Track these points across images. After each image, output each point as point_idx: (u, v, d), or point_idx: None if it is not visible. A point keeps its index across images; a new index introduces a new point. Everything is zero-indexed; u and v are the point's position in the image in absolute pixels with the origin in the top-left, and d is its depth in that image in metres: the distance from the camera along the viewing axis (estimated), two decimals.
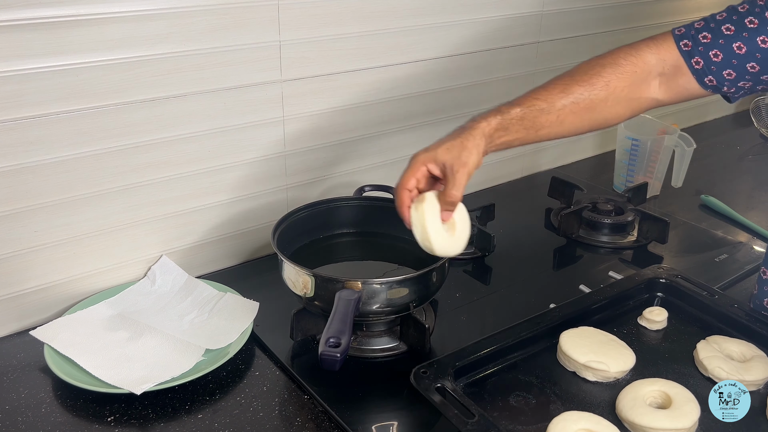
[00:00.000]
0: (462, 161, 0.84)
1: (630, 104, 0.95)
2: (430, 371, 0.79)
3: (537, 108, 0.91)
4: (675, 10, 1.74)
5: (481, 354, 0.83)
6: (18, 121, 0.93)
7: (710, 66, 0.91)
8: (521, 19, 1.45)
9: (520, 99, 0.92)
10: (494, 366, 0.84)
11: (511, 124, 0.90)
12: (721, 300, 0.96)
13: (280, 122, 1.18)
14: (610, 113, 0.95)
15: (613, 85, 0.93)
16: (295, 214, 1.09)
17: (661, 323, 0.93)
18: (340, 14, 1.18)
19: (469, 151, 0.85)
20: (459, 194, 0.85)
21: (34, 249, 1.01)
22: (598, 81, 0.92)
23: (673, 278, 1.00)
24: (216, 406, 0.89)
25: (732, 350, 0.88)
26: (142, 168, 1.06)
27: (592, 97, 0.92)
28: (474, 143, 0.86)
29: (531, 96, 0.92)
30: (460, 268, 1.23)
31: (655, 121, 1.54)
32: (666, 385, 0.81)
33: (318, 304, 0.95)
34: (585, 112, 0.93)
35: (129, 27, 0.97)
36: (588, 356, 0.83)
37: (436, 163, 0.86)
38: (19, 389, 0.91)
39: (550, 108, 0.91)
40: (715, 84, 0.92)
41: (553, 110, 0.91)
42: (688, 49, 0.92)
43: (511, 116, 0.89)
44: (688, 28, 0.93)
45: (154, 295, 1.09)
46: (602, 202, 1.41)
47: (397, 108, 1.33)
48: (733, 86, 0.92)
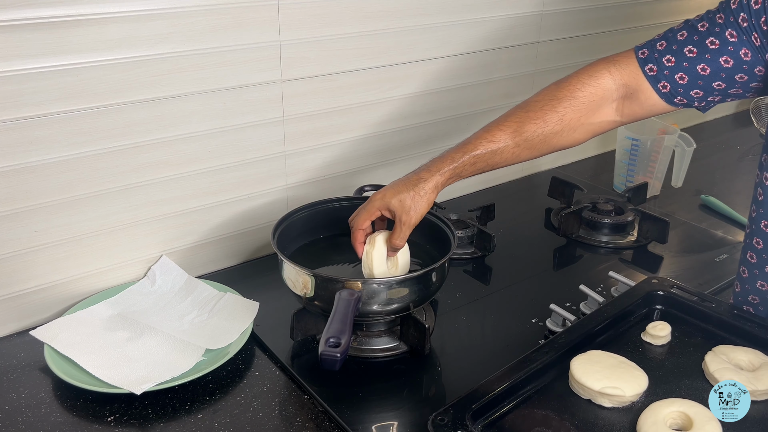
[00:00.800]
0: (409, 215, 0.94)
1: (587, 129, 0.99)
2: (447, 418, 0.77)
3: (490, 150, 0.95)
4: (675, 10, 1.74)
5: (495, 392, 0.81)
6: (18, 121, 0.93)
7: (677, 88, 0.93)
8: (521, 19, 1.45)
9: (475, 142, 0.96)
10: (509, 402, 0.82)
11: (464, 170, 0.96)
12: (719, 308, 0.96)
13: (280, 122, 1.18)
14: (567, 141, 0.99)
15: (568, 117, 0.96)
16: (295, 214, 1.09)
17: (666, 338, 0.92)
18: (340, 14, 1.18)
19: (417, 205, 0.94)
20: (401, 243, 0.96)
21: (34, 249, 1.01)
22: (552, 116, 0.96)
23: (669, 289, 0.99)
24: (216, 406, 0.89)
25: (740, 359, 0.87)
26: (142, 168, 1.06)
27: (546, 132, 0.96)
28: (425, 197, 0.94)
29: (484, 137, 0.96)
30: (460, 268, 1.23)
31: (655, 121, 1.54)
32: (684, 404, 0.80)
33: (318, 304, 0.95)
34: (540, 145, 0.97)
35: (129, 27, 0.97)
36: (602, 382, 0.82)
37: (388, 211, 0.95)
38: (19, 389, 0.91)
39: (504, 149, 0.96)
40: (686, 102, 0.95)
41: (507, 150, 0.96)
42: (654, 74, 0.94)
43: (464, 163, 0.95)
44: (651, 50, 0.95)
45: (154, 295, 1.09)
46: (602, 202, 1.41)
47: (397, 108, 1.33)
48: (702, 101, 0.94)
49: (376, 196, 0.97)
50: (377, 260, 0.97)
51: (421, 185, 0.94)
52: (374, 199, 0.97)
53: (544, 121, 0.96)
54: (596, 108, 0.97)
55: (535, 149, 0.98)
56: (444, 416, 0.77)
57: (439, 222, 1.09)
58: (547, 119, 0.96)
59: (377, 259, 0.97)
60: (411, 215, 0.94)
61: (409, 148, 1.39)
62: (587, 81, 0.96)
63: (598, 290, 1.12)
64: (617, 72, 0.96)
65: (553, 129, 0.96)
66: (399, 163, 1.38)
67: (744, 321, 0.93)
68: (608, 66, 0.97)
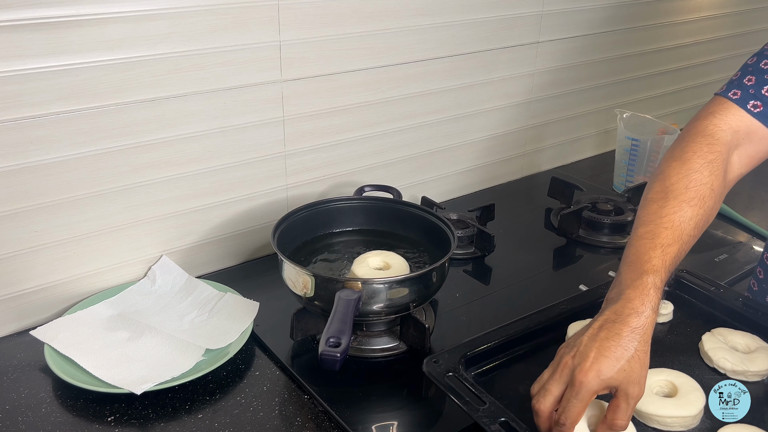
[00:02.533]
0: (635, 385, 0.70)
1: (724, 191, 0.87)
2: (442, 360, 0.82)
3: (688, 245, 0.80)
4: (675, 10, 1.74)
5: (491, 344, 0.86)
6: (18, 121, 0.93)
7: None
8: (521, 19, 1.45)
9: (671, 250, 0.77)
10: (503, 357, 0.87)
11: (667, 278, 0.77)
12: (726, 293, 0.98)
13: (280, 122, 1.18)
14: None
15: (716, 186, 0.83)
16: (295, 214, 1.09)
17: (667, 316, 0.95)
18: (340, 14, 1.18)
19: (643, 370, 0.71)
20: (626, 424, 0.71)
21: (34, 249, 1.01)
22: (706, 201, 0.81)
23: (679, 272, 1.02)
24: (216, 406, 0.89)
25: (737, 342, 0.90)
26: (142, 168, 1.06)
27: (709, 213, 0.83)
28: (647, 357, 0.71)
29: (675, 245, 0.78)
30: (460, 268, 1.23)
31: (655, 121, 1.54)
32: (672, 374, 0.83)
33: (318, 304, 0.95)
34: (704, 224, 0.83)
35: (129, 27, 0.97)
36: None
37: (609, 388, 0.70)
38: (19, 389, 0.91)
39: (690, 241, 0.80)
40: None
41: (690, 241, 0.80)
42: (760, 110, 0.85)
43: (669, 271, 0.77)
44: (742, 88, 0.86)
45: (154, 295, 1.09)
46: (602, 202, 1.41)
47: (397, 108, 1.33)
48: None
49: (590, 370, 0.69)
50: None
51: (641, 341, 0.70)
52: (587, 376, 0.69)
53: (701, 202, 0.81)
54: (726, 166, 0.85)
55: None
56: (439, 358, 0.82)
57: (439, 222, 1.09)
58: (704, 202, 0.81)
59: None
60: (638, 386, 0.70)
61: (409, 148, 1.39)
62: (708, 142, 0.84)
63: None
64: (723, 123, 0.86)
65: (711, 206, 0.82)
66: (399, 163, 1.38)
67: (748, 308, 0.95)
68: (713, 121, 0.86)
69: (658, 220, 0.79)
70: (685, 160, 0.83)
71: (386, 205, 1.17)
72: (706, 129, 0.85)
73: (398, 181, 1.36)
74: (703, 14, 1.82)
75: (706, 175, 0.81)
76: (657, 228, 0.78)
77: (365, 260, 1.03)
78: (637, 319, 0.71)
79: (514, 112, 1.54)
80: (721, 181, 0.83)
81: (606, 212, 1.37)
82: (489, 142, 1.53)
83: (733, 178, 0.88)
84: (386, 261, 1.03)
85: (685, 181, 0.81)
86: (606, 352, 0.69)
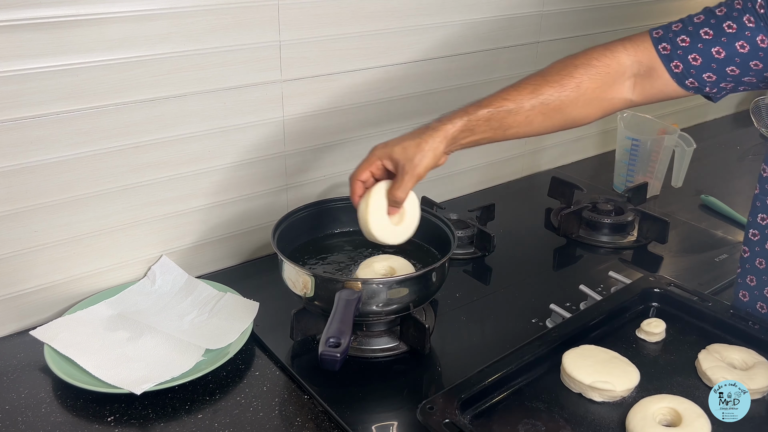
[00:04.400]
0: (413, 164, 0.88)
1: (601, 104, 0.96)
2: (436, 406, 0.77)
3: (505, 109, 0.91)
4: (675, 10, 1.74)
5: (486, 383, 0.81)
6: (18, 121, 0.93)
7: (690, 69, 0.91)
8: (521, 19, 1.45)
9: (489, 99, 0.92)
10: (499, 394, 0.83)
11: (477, 125, 0.91)
12: (716, 307, 0.96)
13: (280, 122, 1.18)
14: (580, 113, 0.96)
15: (585, 86, 0.93)
16: (295, 214, 1.09)
17: (660, 335, 0.92)
18: (340, 14, 1.18)
19: (423, 154, 0.88)
20: (403, 195, 0.90)
21: (34, 249, 1.01)
22: (569, 82, 0.93)
23: (666, 287, 0.99)
24: (216, 406, 0.89)
25: (733, 358, 0.87)
26: (142, 168, 1.06)
27: (562, 98, 0.93)
28: (431, 146, 0.88)
29: (500, 96, 0.93)
30: (460, 268, 1.23)
31: (655, 121, 1.54)
32: (674, 401, 0.80)
33: (318, 304, 0.95)
34: (554, 112, 0.94)
35: (129, 27, 0.97)
36: (593, 377, 0.82)
37: (391, 160, 0.89)
38: (19, 389, 0.91)
39: (519, 109, 0.92)
40: (697, 85, 0.92)
41: (522, 111, 0.92)
42: (667, 53, 0.92)
43: (478, 117, 0.90)
44: (666, 30, 0.93)
45: (154, 295, 1.09)
46: (602, 202, 1.41)
47: (397, 108, 1.33)
48: (714, 87, 0.92)
49: (377, 146, 0.92)
50: (374, 213, 0.90)
51: (429, 133, 0.89)
52: (375, 148, 0.92)
53: (561, 85, 0.93)
54: (612, 81, 0.95)
55: (549, 117, 0.94)
56: (433, 404, 0.77)
57: (439, 222, 1.09)
58: (564, 84, 0.93)
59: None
60: (415, 164, 0.88)
61: None
62: (603, 52, 0.95)
63: (598, 290, 1.12)
64: (632, 49, 0.94)
65: (569, 95, 0.93)
66: None
67: (739, 320, 0.93)
68: (623, 43, 0.95)
69: (507, 88, 0.94)
70: (575, 57, 0.95)
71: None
72: (614, 47, 0.94)
73: None
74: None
75: (582, 72, 0.92)
76: (501, 92, 0.93)
77: (371, 264, 1.03)
78: (437, 124, 0.89)
79: None
80: (595, 87, 0.93)
81: (606, 212, 1.37)
82: None
83: (620, 98, 0.96)
84: (392, 266, 1.02)
85: (559, 66, 0.95)
86: (400, 137, 0.90)
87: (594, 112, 0.96)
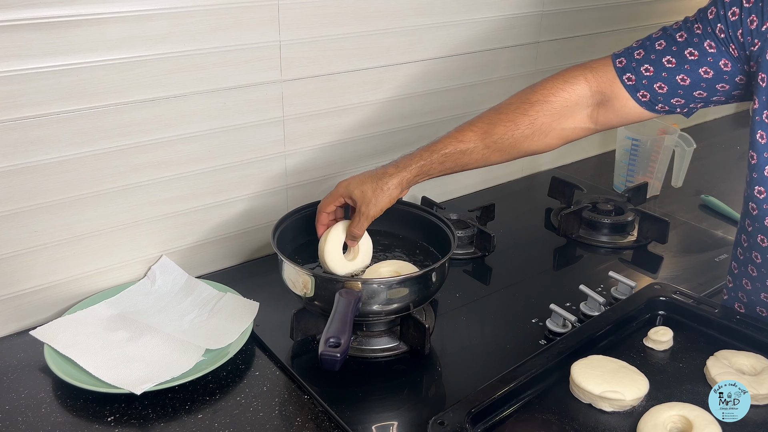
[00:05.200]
0: (368, 206, 0.96)
1: (559, 134, 0.99)
2: (447, 421, 0.76)
3: (459, 150, 0.97)
4: (675, 10, 1.74)
5: (495, 397, 0.81)
6: (18, 121, 0.93)
7: (657, 97, 0.93)
8: (521, 19, 1.45)
9: (444, 141, 0.98)
10: (509, 407, 0.82)
11: (432, 168, 0.97)
12: (722, 313, 0.95)
13: (280, 122, 1.18)
14: (539, 145, 0.99)
15: (540, 122, 0.96)
16: (295, 214, 1.09)
17: (667, 343, 0.92)
18: (340, 14, 1.18)
19: (377, 199, 0.96)
20: (359, 232, 0.99)
21: (34, 249, 1.01)
22: (523, 120, 0.96)
23: (671, 295, 0.99)
24: (216, 406, 0.89)
25: (742, 364, 0.87)
26: (142, 168, 1.06)
27: (516, 136, 0.96)
28: (387, 192, 0.96)
29: (455, 137, 0.97)
30: (460, 268, 1.23)
31: (655, 121, 1.54)
32: (684, 408, 0.80)
33: (318, 304, 0.95)
34: (509, 148, 0.98)
35: (129, 27, 0.97)
36: (602, 387, 0.82)
37: (351, 199, 0.98)
38: (19, 389, 0.91)
39: (473, 149, 0.97)
40: (668, 109, 0.95)
41: (477, 150, 0.97)
42: (632, 83, 0.94)
43: (432, 161, 0.97)
44: (629, 58, 0.94)
45: (154, 295, 1.09)
46: (602, 202, 1.41)
47: (396, 108, 1.33)
48: (685, 107, 0.95)
49: (342, 183, 1.00)
50: (330, 245, 1.00)
51: (385, 180, 0.96)
52: (339, 185, 1.00)
53: (515, 123, 0.96)
54: (569, 114, 0.97)
55: (505, 152, 0.98)
56: (444, 419, 0.77)
57: (439, 222, 1.09)
58: (518, 122, 0.96)
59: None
60: (370, 207, 0.96)
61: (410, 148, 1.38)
62: (562, 87, 0.96)
63: (598, 290, 1.12)
64: (593, 79, 0.96)
65: (523, 132, 0.96)
66: None
67: (746, 326, 0.92)
68: (585, 72, 0.97)
69: (463, 127, 0.99)
70: (533, 91, 0.98)
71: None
72: (575, 79, 0.97)
73: None
74: None
75: (537, 110, 0.96)
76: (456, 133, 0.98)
77: (378, 270, 1.03)
78: (394, 170, 0.97)
79: None
80: (551, 121, 0.96)
81: (606, 212, 1.37)
82: None
83: (579, 128, 0.99)
84: (398, 271, 1.02)
85: (516, 103, 0.98)
86: (361, 177, 0.98)
87: (552, 142, 1.00)
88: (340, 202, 1.00)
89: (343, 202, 1.01)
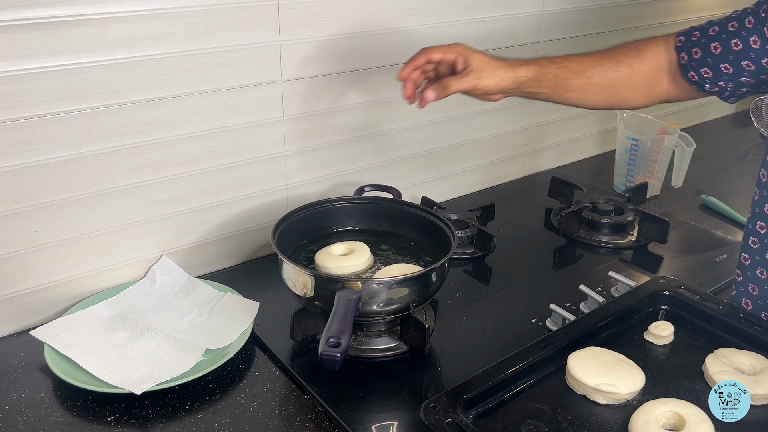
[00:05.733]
0: (480, 74, 0.94)
1: (646, 92, 1.03)
2: (440, 405, 0.77)
3: (571, 70, 1.00)
4: (675, 10, 1.74)
5: (490, 384, 0.81)
6: (18, 121, 0.93)
7: (705, 79, 0.97)
8: (521, 19, 1.45)
9: (558, 58, 1.01)
10: (503, 394, 0.82)
11: (546, 78, 0.99)
12: (726, 310, 0.95)
13: (280, 122, 1.18)
14: (629, 95, 1.03)
15: (636, 67, 1.01)
16: (295, 214, 1.09)
17: (668, 338, 0.91)
18: (340, 14, 1.18)
19: (492, 77, 0.95)
20: (456, 89, 0.94)
21: (34, 249, 1.01)
22: (623, 60, 1.01)
23: (676, 290, 0.98)
24: (216, 406, 0.89)
25: (741, 363, 0.86)
26: (142, 168, 1.06)
27: (617, 74, 1.01)
28: (501, 77, 0.96)
29: (567, 58, 1.02)
30: (460, 268, 1.23)
31: (655, 121, 1.54)
32: (678, 405, 0.80)
33: (318, 304, 0.95)
34: (609, 86, 1.01)
35: (129, 27, 0.97)
36: (597, 379, 0.82)
37: (464, 60, 0.95)
38: (19, 389, 0.91)
39: (582, 73, 1.00)
40: (717, 90, 0.97)
41: (584, 76, 1.00)
42: (684, 62, 0.98)
43: (548, 71, 0.99)
44: (687, 37, 0.98)
45: (154, 295, 1.09)
46: (602, 202, 1.41)
47: (397, 108, 1.33)
48: (732, 95, 0.98)
49: (461, 43, 0.98)
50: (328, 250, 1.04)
51: (506, 68, 0.96)
52: (459, 43, 0.98)
53: (617, 62, 1.01)
54: (655, 71, 1.01)
55: (603, 90, 1.01)
56: (436, 403, 0.77)
57: (439, 222, 1.09)
58: (620, 60, 1.01)
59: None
60: (482, 76, 0.95)
61: (410, 148, 1.39)
62: (648, 43, 1.02)
63: (598, 290, 1.12)
64: (665, 48, 1.01)
65: (623, 72, 1.00)
66: (399, 163, 1.38)
67: (749, 324, 0.92)
68: (665, 41, 1.01)
69: (571, 55, 1.03)
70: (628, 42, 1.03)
71: (386, 205, 1.17)
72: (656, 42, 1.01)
73: (398, 181, 1.36)
74: (702, 14, 1.81)
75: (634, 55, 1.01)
76: (564, 58, 1.02)
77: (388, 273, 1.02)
78: (514, 63, 0.98)
79: (514, 112, 1.54)
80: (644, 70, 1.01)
81: (606, 212, 1.37)
82: (489, 142, 1.53)
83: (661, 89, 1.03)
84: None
85: (616, 47, 1.03)
86: (481, 51, 0.98)
87: (640, 97, 1.03)
88: (451, 58, 0.97)
89: (453, 59, 0.96)
